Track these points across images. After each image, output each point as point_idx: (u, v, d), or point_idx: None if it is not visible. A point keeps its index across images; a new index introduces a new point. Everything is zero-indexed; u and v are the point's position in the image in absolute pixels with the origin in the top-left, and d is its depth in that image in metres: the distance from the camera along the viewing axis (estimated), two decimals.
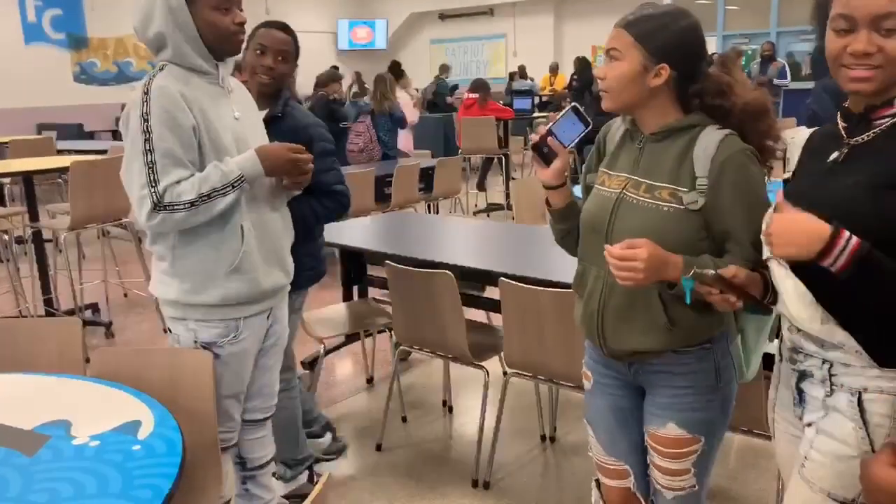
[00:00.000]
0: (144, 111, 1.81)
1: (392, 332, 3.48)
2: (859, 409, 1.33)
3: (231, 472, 2.19)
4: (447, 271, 2.73)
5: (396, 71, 9.10)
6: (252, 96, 2.14)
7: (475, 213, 8.09)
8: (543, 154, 1.68)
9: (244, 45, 2.10)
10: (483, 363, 2.86)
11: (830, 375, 1.37)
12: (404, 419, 3.38)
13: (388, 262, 2.92)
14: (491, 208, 8.20)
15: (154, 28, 1.85)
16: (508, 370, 2.79)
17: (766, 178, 1.57)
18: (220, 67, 1.94)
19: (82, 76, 12.33)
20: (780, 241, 1.25)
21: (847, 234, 1.21)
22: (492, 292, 3.00)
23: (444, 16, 16.96)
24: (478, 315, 3.44)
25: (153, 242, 1.96)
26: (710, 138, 1.54)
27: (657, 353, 1.64)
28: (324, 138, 2.48)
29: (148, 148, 1.81)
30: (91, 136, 11.41)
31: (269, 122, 2.26)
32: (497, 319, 3.17)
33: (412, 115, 7.87)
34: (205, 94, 1.89)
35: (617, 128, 1.74)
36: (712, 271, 1.35)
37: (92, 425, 1.62)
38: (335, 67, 7.46)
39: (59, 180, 6.96)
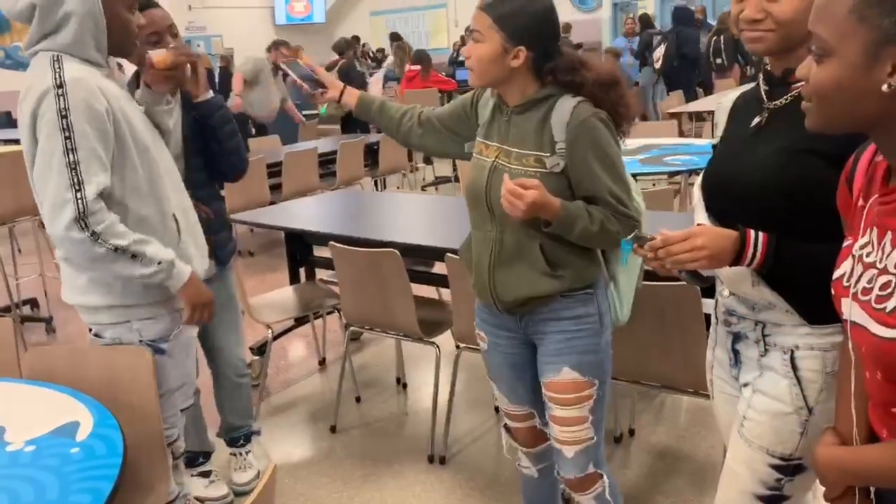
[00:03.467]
0: (61, 106, 1.68)
1: (342, 313, 3.45)
2: (792, 367, 1.37)
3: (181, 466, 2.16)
4: (393, 249, 2.71)
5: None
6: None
7: (423, 188, 8.05)
8: (319, 84, 2.06)
9: None
10: (434, 339, 2.85)
11: (764, 336, 1.40)
12: (358, 399, 3.37)
13: (332, 242, 2.88)
14: (439, 181, 8.17)
15: (64, 8, 1.72)
16: (459, 345, 2.79)
17: (622, 140, 1.76)
18: (110, 61, 1.86)
19: (7, 61, 11.82)
20: (704, 247, 1.30)
21: (753, 233, 1.29)
22: (441, 267, 3.00)
23: None
24: (429, 291, 3.43)
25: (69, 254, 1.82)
26: (565, 106, 1.70)
27: (545, 301, 1.77)
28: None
29: (70, 147, 1.68)
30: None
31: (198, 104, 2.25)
32: (447, 294, 3.17)
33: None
34: (111, 87, 1.79)
35: (487, 98, 1.87)
36: (650, 235, 1.36)
37: (27, 430, 1.57)
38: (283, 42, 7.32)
39: None
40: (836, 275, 1.07)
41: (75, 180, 1.69)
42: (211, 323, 2.04)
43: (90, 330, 1.89)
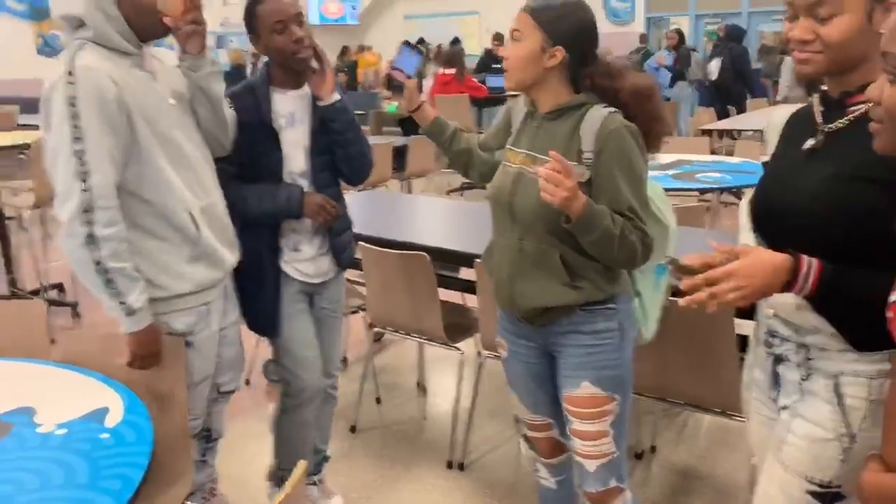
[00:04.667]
0: (70, 94, 1.65)
1: (366, 314, 3.44)
2: (836, 393, 1.33)
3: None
4: (423, 253, 2.70)
5: None
6: (293, 82, 2.09)
7: (449, 192, 8.05)
8: (395, 87, 1.99)
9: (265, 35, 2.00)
10: (458, 344, 2.84)
11: (807, 360, 1.37)
12: (378, 400, 3.36)
13: (362, 242, 2.88)
14: (465, 187, 8.15)
15: (76, 6, 1.72)
16: (483, 351, 2.78)
17: (652, 157, 1.74)
18: (144, 49, 1.82)
19: (45, 48, 12.00)
20: (750, 283, 1.24)
21: (806, 260, 1.24)
22: (467, 273, 2.98)
23: None
24: (453, 296, 3.42)
25: None
26: (596, 115, 1.68)
27: (566, 312, 1.75)
28: None
29: (77, 135, 1.65)
30: None
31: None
32: (472, 300, 3.16)
33: None
34: (133, 76, 1.76)
35: (521, 106, 1.88)
36: (688, 264, 1.31)
37: (58, 412, 1.58)
38: None
39: (22, 156, 6.78)
40: (892, 298, 1.05)
41: (82, 169, 1.66)
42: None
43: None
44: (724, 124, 7.36)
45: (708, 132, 6.74)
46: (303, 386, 2.25)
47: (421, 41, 13.00)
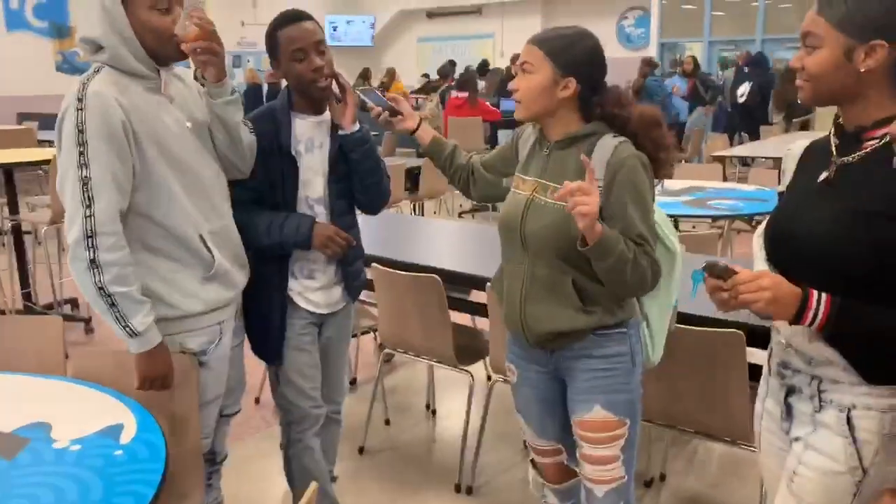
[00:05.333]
0: (80, 120, 1.67)
1: (377, 335, 3.45)
2: (848, 426, 1.33)
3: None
4: (434, 276, 2.72)
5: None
6: (313, 108, 2.09)
7: (460, 214, 8.08)
8: (394, 115, 2.06)
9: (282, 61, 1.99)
10: (468, 367, 2.85)
11: (819, 391, 1.38)
12: (387, 422, 3.36)
13: (374, 264, 2.90)
14: (476, 209, 8.19)
15: (93, 31, 1.75)
16: (493, 375, 2.78)
17: (659, 185, 1.77)
18: (162, 73, 1.82)
19: (64, 65, 12.17)
20: (771, 290, 1.28)
21: (816, 294, 1.27)
22: (477, 295, 2.99)
23: (431, 14, 16.90)
24: (463, 318, 3.43)
25: None
26: (607, 144, 1.71)
27: (578, 337, 1.76)
28: None
29: (83, 161, 1.67)
30: None
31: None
32: (482, 323, 3.16)
33: None
34: (145, 101, 1.77)
35: (529, 134, 1.91)
36: (724, 264, 1.35)
37: (73, 428, 1.60)
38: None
39: (40, 171, 6.86)
40: None
41: (86, 196, 1.68)
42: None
43: None
44: (738, 151, 7.36)
45: (721, 159, 6.75)
46: (303, 415, 2.22)
47: (452, 63, 13.13)
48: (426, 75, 14.30)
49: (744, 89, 9.83)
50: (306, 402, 2.22)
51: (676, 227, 4.57)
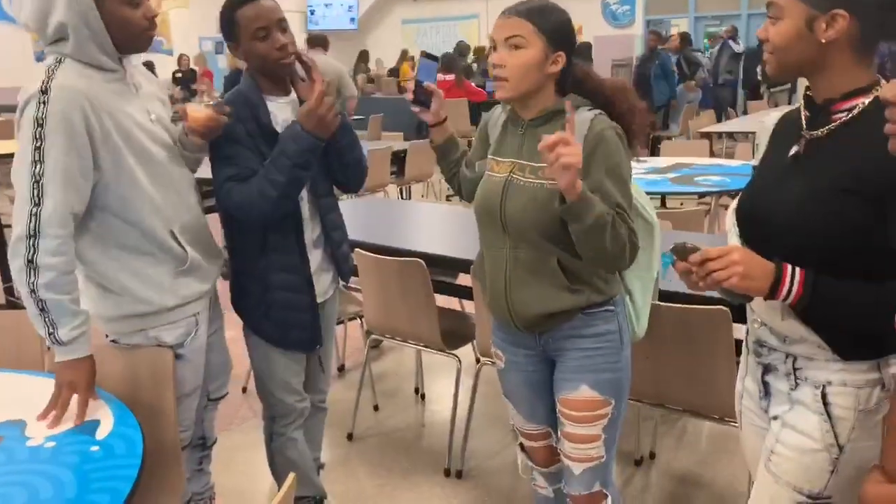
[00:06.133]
0: (41, 113, 1.60)
1: (363, 321, 3.43)
2: (823, 403, 1.33)
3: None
4: (418, 259, 2.69)
5: None
6: (280, 89, 2.00)
7: (448, 198, 8.04)
8: (422, 102, 1.91)
9: (248, 39, 1.90)
10: (455, 351, 2.83)
11: (795, 369, 1.37)
12: (376, 408, 3.35)
13: (358, 249, 2.87)
14: None
15: (55, 18, 1.66)
16: (481, 358, 2.77)
17: (634, 157, 1.73)
18: (126, 64, 1.78)
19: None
20: (742, 264, 1.26)
21: (790, 269, 1.26)
22: (464, 279, 2.97)
23: None
24: (451, 301, 3.41)
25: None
26: (583, 118, 1.66)
27: (567, 317, 1.73)
28: None
29: (37, 158, 1.60)
30: None
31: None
32: (470, 306, 3.14)
33: None
34: (111, 93, 1.72)
35: (497, 116, 1.85)
36: (692, 245, 1.32)
37: (48, 425, 1.57)
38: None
39: None
40: None
41: (36, 194, 1.61)
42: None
43: (106, 335, 1.87)
44: (723, 127, 7.35)
45: (707, 135, 6.73)
46: (288, 410, 2.19)
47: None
48: (412, 58, 14.20)
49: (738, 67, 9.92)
50: (292, 398, 2.18)
51: (664, 204, 4.57)
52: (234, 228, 2.06)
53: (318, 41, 7.09)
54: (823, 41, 1.25)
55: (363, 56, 14.29)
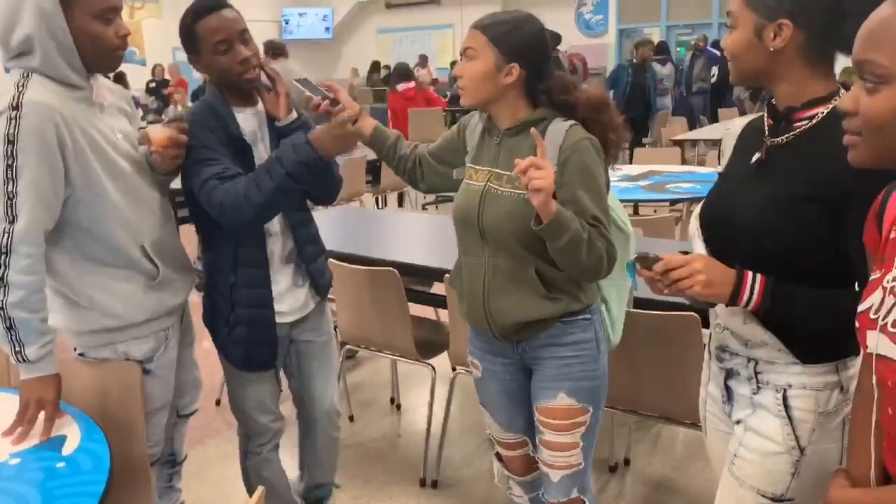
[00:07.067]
0: (10, 130, 1.56)
1: (338, 331, 3.41)
2: (784, 406, 1.35)
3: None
4: (392, 269, 2.69)
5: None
6: (245, 100, 1.95)
7: (424, 206, 8.05)
8: (334, 104, 1.88)
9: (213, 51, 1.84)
10: (431, 360, 2.82)
11: (756, 373, 1.39)
12: (351, 418, 3.33)
13: (332, 260, 2.85)
14: (440, 200, 8.16)
15: (21, 31, 1.62)
16: (456, 367, 2.76)
17: (610, 167, 1.75)
18: (92, 81, 1.74)
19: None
20: (704, 273, 1.28)
21: (751, 275, 1.28)
22: (439, 287, 2.97)
23: (390, 5, 16.80)
24: (427, 311, 3.41)
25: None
26: (558, 129, 1.69)
27: (544, 325, 1.74)
28: None
29: (10, 176, 1.57)
30: None
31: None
32: (445, 315, 3.14)
33: None
34: (80, 110, 1.69)
35: (476, 122, 1.86)
36: (655, 255, 1.34)
37: (13, 441, 1.54)
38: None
39: None
40: (861, 307, 1.05)
41: (9, 212, 1.58)
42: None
43: (75, 349, 1.85)
44: (695, 134, 7.43)
45: (680, 143, 6.80)
46: (262, 430, 2.14)
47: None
48: (387, 67, 14.22)
49: (713, 71, 10.04)
50: (265, 417, 2.14)
51: (637, 211, 4.60)
52: (208, 241, 2.02)
53: (277, 49, 7.08)
54: (772, 49, 1.28)
55: (375, 66, 14.15)
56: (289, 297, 2.04)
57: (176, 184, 1.96)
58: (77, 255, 1.74)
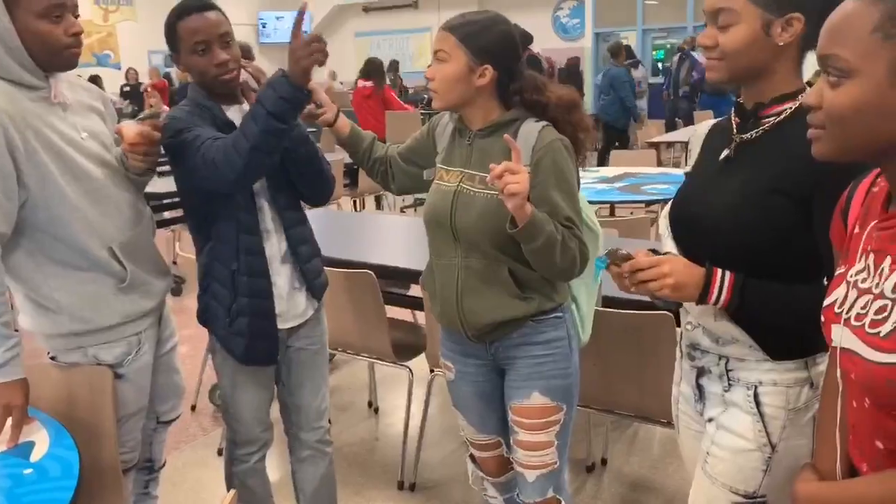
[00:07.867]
0: None
1: None
2: (755, 403, 1.36)
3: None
4: (368, 271, 2.68)
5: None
6: (228, 98, 1.90)
7: (402, 209, 8.03)
8: (314, 114, 1.92)
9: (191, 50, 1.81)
10: (408, 362, 2.82)
11: (727, 371, 1.40)
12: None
13: None
14: (418, 203, 8.15)
15: None
16: (433, 369, 2.76)
17: (581, 167, 1.76)
18: (52, 81, 1.70)
19: None
20: (672, 274, 1.29)
21: (720, 273, 1.29)
22: (417, 290, 2.96)
23: (367, 8, 16.80)
24: (404, 313, 3.40)
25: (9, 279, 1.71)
26: (530, 129, 1.69)
27: (517, 325, 1.74)
28: None
29: None
30: None
31: None
32: (422, 317, 3.14)
33: None
34: (36, 111, 1.65)
35: (445, 123, 1.86)
36: (624, 252, 1.35)
37: None
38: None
39: None
40: (826, 302, 1.06)
41: None
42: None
43: (48, 353, 1.82)
44: (670, 137, 7.50)
45: (655, 145, 6.86)
46: (251, 438, 2.09)
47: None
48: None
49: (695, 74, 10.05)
50: (257, 426, 2.09)
51: (612, 213, 4.63)
52: (207, 233, 1.94)
53: (242, 52, 7.01)
54: (781, 44, 1.27)
55: (393, 66, 14.05)
56: (288, 301, 1.99)
57: (157, 187, 1.92)
58: (42, 259, 1.71)
